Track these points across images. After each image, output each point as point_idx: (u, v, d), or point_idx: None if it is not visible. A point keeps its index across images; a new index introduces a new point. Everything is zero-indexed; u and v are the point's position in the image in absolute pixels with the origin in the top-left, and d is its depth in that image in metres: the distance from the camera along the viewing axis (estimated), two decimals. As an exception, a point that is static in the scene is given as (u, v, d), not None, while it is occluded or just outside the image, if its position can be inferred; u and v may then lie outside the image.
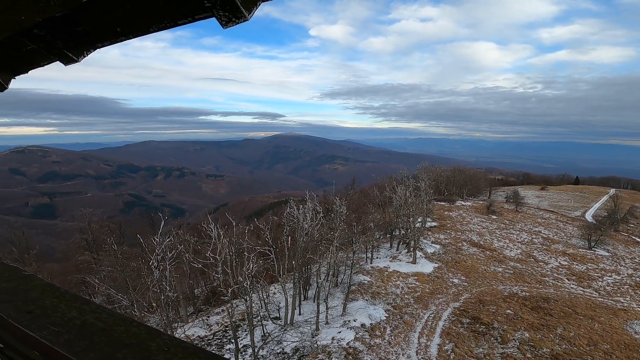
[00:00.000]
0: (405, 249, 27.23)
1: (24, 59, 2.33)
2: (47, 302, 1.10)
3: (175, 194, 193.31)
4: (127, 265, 20.95)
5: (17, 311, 1.06)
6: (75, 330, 0.92)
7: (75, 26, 1.78)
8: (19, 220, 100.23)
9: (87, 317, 0.99)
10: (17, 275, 1.32)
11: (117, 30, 1.71)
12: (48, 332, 0.92)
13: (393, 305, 18.50)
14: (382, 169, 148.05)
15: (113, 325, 0.94)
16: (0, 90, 2.53)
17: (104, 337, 0.89)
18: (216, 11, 1.40)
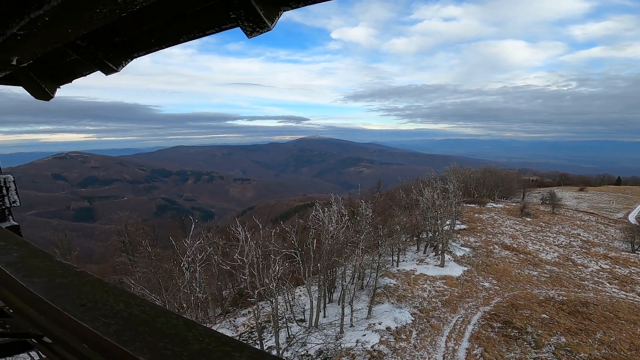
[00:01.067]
0: (433, 252, 26.61)
1: (68, 69, 2.46)
2: (98, 296, 1.17)
3: (205, 197, 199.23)
4: (160, 266, 21.76)
5: (72, 304, 1.13)
6: (123, 322, 1.00)
7: (114, 37, 1.93)
8: (62, 223, 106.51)
9: (133, 309, 1.07)
10: (70, 272, 1.40)
11: (151, 41, 1.87)
12: (99, 324, 0.99)
13: (420, 308, 18.16)
14: (408, 171, 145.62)
15: (155, 317, 1.01)
16: (47, 99, 2.68)
17: (147, 327, 0.96)
18: (241, 22, 1.45)
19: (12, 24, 1.22)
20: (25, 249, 1.71)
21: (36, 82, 2.56)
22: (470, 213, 40.34)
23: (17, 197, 2.51)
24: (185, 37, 1.72)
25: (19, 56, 1.56)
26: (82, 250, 42.34)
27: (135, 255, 27.74)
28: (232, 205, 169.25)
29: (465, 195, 45.81)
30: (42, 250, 1.69)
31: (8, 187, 2.45)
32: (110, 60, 1.98)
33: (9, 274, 1.42)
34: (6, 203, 2.45)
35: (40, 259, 1.56)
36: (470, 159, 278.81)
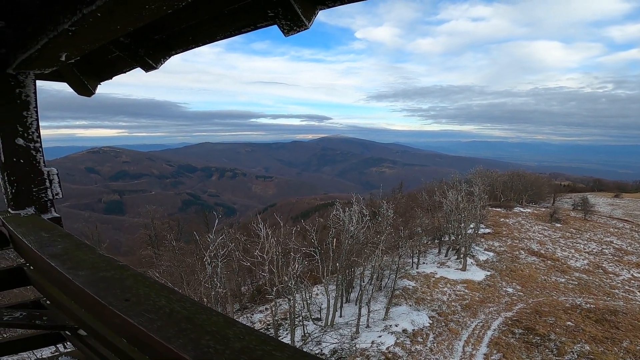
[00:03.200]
0: (455, 255, 26.04)
1: (109, 66, 2.55)
2: (140, 291, 1.17)
3: (228, 193, 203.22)
4: (183, 260, 22.36)
5: (116, 298, 1.12)
6: (165, 318, 1.00)
7: (154, 35, 1.98)
8: (93, 216, 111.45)
9: (174, 305, 1.07)
10: (113, 265, 1.39)
11: (188, 39, 1.91)
12: (143, 319, 0.99)
13: (438, 312, 17.86)
14: (432, 173, 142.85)
15: (196, 314, 1.01)
16: (88, 95, 2.75)
17: (189, 324, 0.96)
18: (278, 20, 1.46)
19: (64, 20, 1.23)
20: (69, 241, 1.71)
21: (79, 78, 2.60)
22: (495, 217, 39.16)
23: (59, 189, 2.53)
24: (221, 35, 1.74)
25: (68, 52, 1.60)
26: (111, 242, 44.28)
27: (160, 248, 28.64)
28: (253, 202, 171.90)
29: (491, 198, 44.43)
30: (85, 243, 1.69)
31: (52, 179, 2.46)
32: (150, 58, 2.02)
33: (53, 266, 1.41)
34: (49, 195, 2.47)
35: (84, 252, 1.55)
36: (497, 161, 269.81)
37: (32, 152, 2.36)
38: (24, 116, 2.29)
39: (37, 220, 2.17)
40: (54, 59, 1.75)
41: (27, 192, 2.38)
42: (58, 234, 1.81)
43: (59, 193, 2.53)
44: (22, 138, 2.30)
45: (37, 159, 2.39)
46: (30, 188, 2.38)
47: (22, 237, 1.81)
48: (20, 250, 2.16)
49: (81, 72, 2.58)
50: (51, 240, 1.71)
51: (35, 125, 2.34)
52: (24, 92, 2.23)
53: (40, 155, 2.41)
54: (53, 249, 1.59)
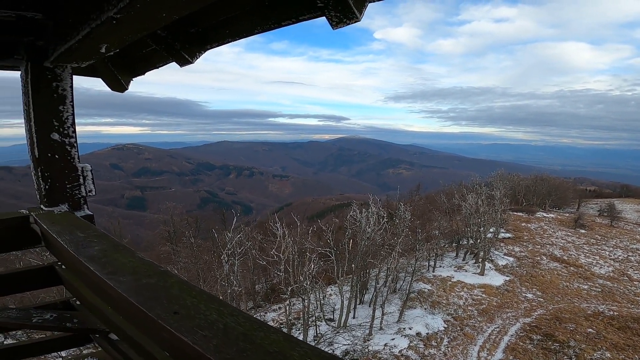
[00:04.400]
0: (473, 259, 25.49)
1: (143, 61, 2.52)
2: (188, 302, 1.06)
3: (245, 192, 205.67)
4: (201, 257, 22.68)
5: (164, 311, 1.01)
6: (221, 335, 0.89)
7: (190, 28, 1.94)
8: (116, 211, 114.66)
9: (227, 320, 0.96)
10: (155, 270, 1.30)
11: (225, 32, 1.86)
12: (197, 337, 0.88)
13: (454, 316, 17.62)
14: (451, 175, 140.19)
15: (253, 331, 0.91)
16: (121, 91, 2.73)
17: (247, 343, 0.86)
18: (328, 11, 1.35)
19: (110, 7, 1.20)
20: (106, 242, 1.63)
21: (113, 73, 2.57)
22: (517, 222, 38.09)
23: (93, 186, 2.47)
24: (259, 28, 1.68)
25: (108, 44, 1.57)
26: (132, 237, 45.51)
27: (179, 245, 29.15)
28: (270, 201, 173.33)
29: (512, 203, 43.19)
30: (122, 244, 1.61)
31: (85, 175, 2.41)
32: (186, 52, 1.96)
33: (92, 270, 1.33)
34: (82, 192, 2.40)
35: (122, 254, 1.46)
36: (520, 165, 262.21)
37: (67, 148, 2.30)
38: (60, 111, 2.22)
39: (71, 218, 2.11)
40: (93, 51, 1.72)
41: (60, 189, 2.31)
42: (93, 233, 1.75)
43: (92, 190, 2.47)
44: (57, 133, 2.24)
45: (72, 154, 2.33)
46: (64, 184, 2.31)
47: (57, 236, 1.75)
48: (53, 249, 2.10)
49: (115, 67, 2.55)
50: (87, 240, 1.64)
51: (71, 120, 2.27)
52: (60, 86, 2.18)
53: (75, 151, 2.35)
54: (90, 250, 1.52)
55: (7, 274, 2.38)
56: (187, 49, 1.95)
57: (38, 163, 2.22)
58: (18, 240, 2.27)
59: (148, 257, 6.89)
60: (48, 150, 2.21)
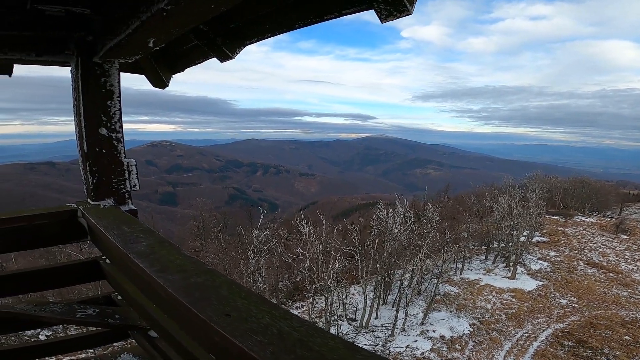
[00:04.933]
0: (504, 262, 24.61)
1: (184, 57, 2.55)
2: (239, 303, 1.01)
3: (271, 189, 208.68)
4: (228, 253, 23.17)
5: (215, 313, 0.97)
6: (276, 341, 0.83)
7: (230, 23, 1.94)
8: (150, 206, 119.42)
9: (281, 324, 0.91)
10: (202, 269, 1.26)
11: (265, 27, 1.84)
12: (252, 342, 0.82)
13: (480, 320, 17.15)
14: (482, 177, 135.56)
15: (309, 337, 0.85)
16: (162, 87, 2.77)
17: (305, 350, 0.80)
18: (377, 4, 1.30)
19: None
20: (152, 237, 1.62)
21: (156, 70, 2.60)
22: (553, 225, 36.34)
23: (137, 181, 2.50)
24: (301, 22, 1.63)
25: (156, 38, 1.58)
26: (164, 232, 47.30)
27: (207, 240, 29.93)
28: (296, 199, 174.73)
29: (549, 206, 41.10)
30: (168, 240, 1.60)
31: (130, 170, 2.44)
32: (227, 47, 1.97)
33: (141, 267, 1.31)
34: (127, 187, 2.43)
35: (169, 251, 1.44)
36: (557, 167, 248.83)
37: (114, 143, 2.32)
38: (108, 106, 2.24)
39: (117, 213, 2.13)
40: (141, 46, 1.73)
41: (107, 183, 2.33)
42: (139, 228, 1.75)
43: (136, 185, 2.50)
44: (105, 128, 2.26)
45: (119, 149, 2.35)
46: (111, 179, 2.34)
47: (104, 230, 1.75)
48: (99, 243, 2.12)
49: (157, 64, 2.59)
50: (134, 235, 1.64)
51: (118, 115, 2.30)
52: (108, 82, 2.20)
53: (122, 146, 2.37)
54: (138, 246, 1.51)
55: (52, 267, 2.45)
56: (227, 44, 1.96)
57: (86, 157, 2.24)
58: (66, 234, 2.31)
59: None
60: (96, 144, 2.23)
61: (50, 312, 2.00)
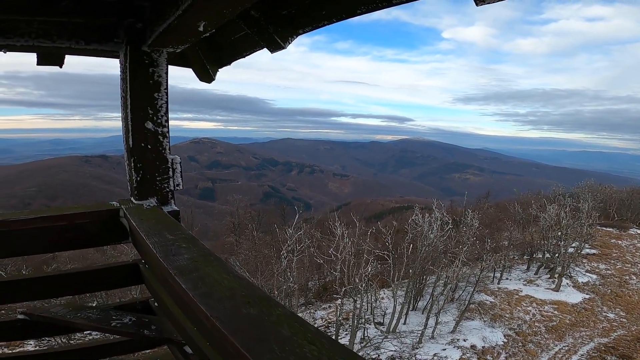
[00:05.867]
0: (547, 274, 23.26)
1: (231, 48, 2.46)
2: (306, 350, 0.81)
3: (305, 189, 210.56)
4: (261, 251, 23.56)
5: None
6: None
7: (281, 10, 1.82)
8: (189, 200, 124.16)
9: None
10: (255, 295, 1.07)
11: (321, 13, 1.70)
12: None
13: (516, 331, 16.36)
14: (527, 184, 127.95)
15: None
16: (209, 81, 2.67)
17: None
18: None
19: None
20: (195, 248, 1.47)
21: (203, 62, 2.52)
22: (605, 237, 33.69)
23: (180, 180, 2.36)
24: (363, 7, 1.48)
25: (207, 21, 1.52)
26: (201, 227, 49.26)
27: (241, 237, 30.65)
28: (329, 199, 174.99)
29: (602, 217, 37.96)
30: (212, 253, 1.44)
31: (175, 168, 2.30)
32: (278, 35, 1.84)
33: (184, 289, 1.13)
34: (171, 185, 2.30)
35: (214, 268, 1.27)
36: (613, 175, 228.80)
37: (160, 138, 2.20)
38: (155, 98, 2.13)
39: (160, 216, 2.01)
40: (191, 30, 1.65)
41: (151, 181, 2.21)
42: (182, 236, 1.62)
43: (180, 184, 2.36)
44: (151, 122, 2.14)
45: (164, 145, 2.23)
46: (155, 177, 2.22)
47: (145, 236, 1.64)
48: (140, 248, 2.03)
49: (205, 56, 2.51)
50: (176, 244, 1.51)
51: (164, 108, 2.18)
52: (156, 72, 2.10)
53: (167, 142, 2.25)
54: (180, 258, 1.36)
55: (91, 270, 2.39)
56: (279, 33, 1.84)
57: (131, 153, 2.14)
58: (107, 234, 2.23)
59: (213, 246, 7.00)
60: (141, 139, 2.13)
61: (86, 318, 1.96)
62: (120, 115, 2.21)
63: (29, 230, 1.99)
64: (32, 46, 1.93)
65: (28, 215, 1.99)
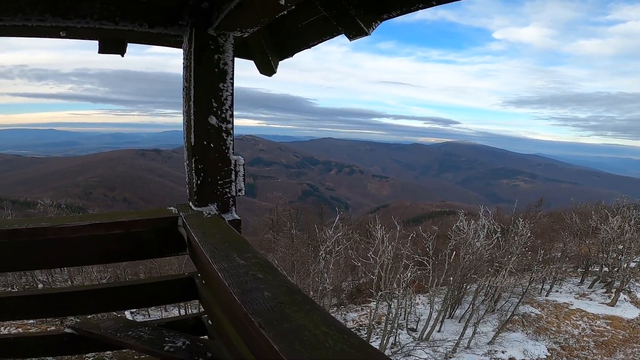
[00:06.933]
0: (604, 288, 21.57)
1: (299, 37, 2.21)
2: None
3: (343, 189, 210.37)
4: (298, 250, 23.74)
5: None
6: None
7: None
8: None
9: None
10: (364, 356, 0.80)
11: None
12: None
13: (562, 345, 15.40)
14: (585, 193, 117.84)
15: None
16: (270, 74, 2.49)
17: None
18: None
19: None
20: (275, 281, 1.16)
21: (266, 53, 2.35)
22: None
23: (243, 184, 2.12)
24: None
25: None
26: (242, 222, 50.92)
27: (279, 234, 31.06)
28: (367, 201, 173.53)
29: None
30: (299, 290, 1.15)
31: (237, 171, 2.07)
32: (361, 19, 1.58)
33: (277, 351, 0.81)
34: (232, 190, 2.06)
35: (309, 316, 0.94)
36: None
37: (223, 135, 1.97)
38: (220, 89, 1.91)
39: (224, 229, 1.74)
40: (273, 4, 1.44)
41: (212, 185, 1.98)
42: (255, 261, 1.33)
43: (242, 189, 2.13)
44: (215, 116, 1.92)
45: (227, 144, 2.00)
46: (216, 180, 1.99)
47: (210, 258, 1.35)
48: (202, 267, 1.79)
49: (267, 47, 2.32)
50: (250, 274, 1.21)
51: (230, 101, 1.96)
52: (222, 59, 1.89)
53: (231, 140, 2.02)
54: (259, 298, 1.04)
55: (144, 283, 2.21)
56: (362, 16, 1.58)
57: (192, 152, 1.92)
58: (163, 245, 2.02)
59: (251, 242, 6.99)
60: (204, 137, 1.92)
61: (137, 337, 1.82)
62: (182, 109, 2.03)
63: (79, 238, 1.80)
64: (93, 29, 1.77)
65: (79, 220, 1.81)
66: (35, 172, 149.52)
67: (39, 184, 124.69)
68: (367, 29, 1.59)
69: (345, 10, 1.56)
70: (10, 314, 2.11)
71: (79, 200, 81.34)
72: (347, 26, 1.63)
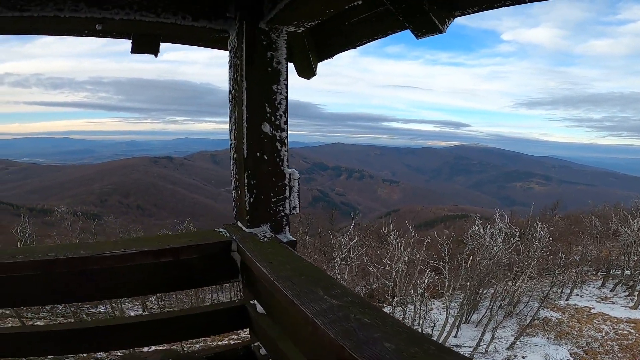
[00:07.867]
0: (626, 291, 21.09)
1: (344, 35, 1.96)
2: None
3: (353, 194, 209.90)
4: (310, 255, 23.69)
5: None
6: None
7: None
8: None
9: None
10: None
11: None
12: None
13: (585, 349, 15.02)
14: (601, 195, 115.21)
15: None
16: (309, 77, 2.27)
17: None
18: None
19: None
20: (388, 327, 0.92)
21: (307, 54, 2.13)
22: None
23: (297, 201, 1.90)
24: None
25: None
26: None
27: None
28: (377, 205, 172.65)
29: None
30: (423, 336, 0.92)
31: (292, 186, 1.86)
32: (435, 15, 1.37)
33: None
34: (287, 208, 1.84)
35: None
36: None
37: (277, 145, 1.76)
38: (274, 92, 1.71)
39: (291, 257, 1.50)
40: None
41: (265, 203, 1.77)
42: (349, 299, 1.07)
43: (296, 207, 1.91)
44: (268, 123, 1.71)
45: (282, 155, 1.79)
46: (270, 197, 1.78)
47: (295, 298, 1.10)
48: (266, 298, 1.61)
49: (310, 47, 2.11)
50: (351, 317, 0.95)
51: (284, 105, 1.77)
52: (275, 58, 1.68)
53: (285, 151, 1.80)
54: (379, 349, 0.81)
55: (193, 314, 2.00)
56: (435, 12, 1.37)
57: (245, 166, 1.70)
58: (215, 272, 1.82)
59: None
60: (256, 147, 1.70)
61: None
62: (229, 114, 1.82)
63: (124, 267, 1.60)
64: (132, 21, 1.55)
65: (124, 248, 1.60)
66: (51, 180, 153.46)
67: (55, 191, 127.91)
68: (442, 26, 1.40)
69: (418, 5, 1.35)
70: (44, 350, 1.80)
71: (94, 208, 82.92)
72: (418, 22, 1.43)
